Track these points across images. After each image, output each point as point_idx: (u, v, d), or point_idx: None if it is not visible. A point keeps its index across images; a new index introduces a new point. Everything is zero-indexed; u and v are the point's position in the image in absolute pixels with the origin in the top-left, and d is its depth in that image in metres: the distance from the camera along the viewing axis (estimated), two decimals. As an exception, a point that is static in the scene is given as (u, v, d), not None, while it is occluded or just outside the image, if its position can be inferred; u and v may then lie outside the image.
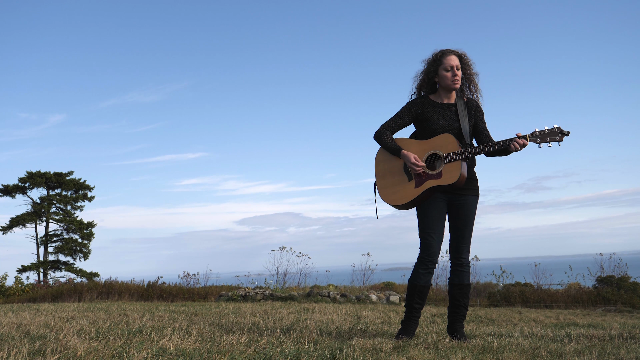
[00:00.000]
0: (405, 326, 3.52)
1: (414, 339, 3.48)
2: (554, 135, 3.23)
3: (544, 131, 3.26)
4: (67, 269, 25.42)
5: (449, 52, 3.57)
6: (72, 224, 25.63)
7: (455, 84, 3.55)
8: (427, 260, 3.47)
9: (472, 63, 3.65)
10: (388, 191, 3.63)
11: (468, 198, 3.52)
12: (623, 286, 12.09)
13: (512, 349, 3.08)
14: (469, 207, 3.51)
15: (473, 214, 3.54)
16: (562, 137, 3.22)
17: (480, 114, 3.63)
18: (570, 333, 4.06)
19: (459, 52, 3.60)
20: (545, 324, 6.03)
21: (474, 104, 3.64)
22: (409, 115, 3.65)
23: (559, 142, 3.24)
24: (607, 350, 3.10)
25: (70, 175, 26.18)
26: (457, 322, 3.55)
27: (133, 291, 12.91)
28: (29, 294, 14.41)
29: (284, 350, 2.83)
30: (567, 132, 3.22)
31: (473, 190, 3.54)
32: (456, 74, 3.54)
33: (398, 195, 3.57)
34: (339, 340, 3.35)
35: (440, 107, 3.59)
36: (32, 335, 3.35)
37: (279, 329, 4.00)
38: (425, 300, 3.56)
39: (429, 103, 3.62)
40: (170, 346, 2.85)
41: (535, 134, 3.28)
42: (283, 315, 5.68)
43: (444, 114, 3.56)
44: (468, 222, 3.52)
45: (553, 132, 3.23)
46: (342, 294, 10.79)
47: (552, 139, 3.24)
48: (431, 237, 3.46)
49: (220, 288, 13.57)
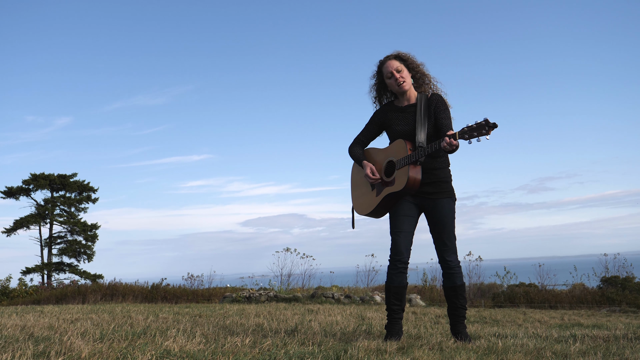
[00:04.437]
0: (389, 329, 3.50)
1: (418, 339, 3.47)
2: (481, 129, 3.07)
3: (472, 126, 3.12)
4: (71, 270, 25.48)
5: (385, 60, 3.60)
6: (76, 226, 25.68)
7: (402, 87, 3.53)
8: (396, 260, 3.47)
9: (413, 56, 3.61)
10: (358, 202, 3.80)
11: (439, 201, 3.46)
12: (628, 286, 12.04)
13: (517, 349, 3.07)
14: (440, 210, 3.45)
15: (448, 216, 3.46)
16: (489, 130, 3.05)
17: (440, 109, 3.49)
18: (575, 334, 4.05)
19: (394, 53, 3.61)
20: (549, 324, 6.01)
21: (434, 100, 3.53)
22: (374, 125, 3.74)
23: (487, 135, 3.05)
24: (612, 350, 3.09)
25: (74, 177, 26.22)
26: (459, 323, 3.53)
27: (137, 293, 12.93)
28: (33, 296, 14.44)
29: (288, 352, 2.83)
30: (493, 124, 3.04)
31: (444, 193, 3.47)
32: (397, 78, 3.52)
33: (364, 205, 3.71)
34: (343, 342, 3.35)
35: (401, 111, 3.59)
36: (36, 337, 3.35)
37: (283, 330, 4.00)
38: (404, 300, 3.54)
39: (392, 109, 3.64)
40: (175, 348, 2.85)
41: (464, 131, 3.14)
42: (287, 317, 5.68)
43: (404, 118, 3.55)
44: (443, 225, 3.46)
45: (480, 126, 3.08)
46: (346, 295, 10.78)
47: (479, 133, 3.07)
48: (397, 236, 3.47)
49: (225, 289, 13.58)
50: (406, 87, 3.54)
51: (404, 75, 3.54)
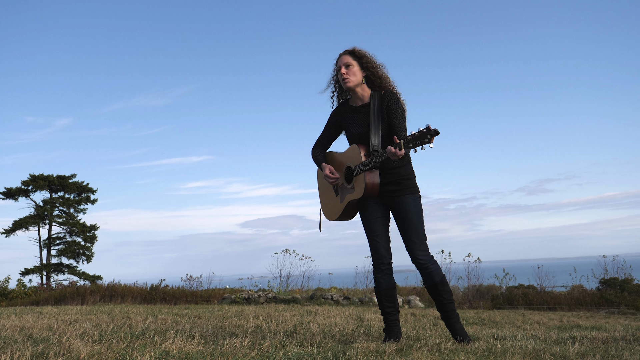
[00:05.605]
0: (388, 332, 3.48)
1: (417, 341, 3.47)
2: (423, 138, 2.95)
3: (415, 134, 3.00)
4: (70, 271, 25.48)
5: (340, 55, 3.49)
6: (75, 227, 25.68)
7: (346, 83, 3.41)
8: (379, 263, 3.45)
9: (371, 55, 3.46)
10: (325, 207, 3.72)
11: (401, 199, 3.36)
12: (627, 288, 12.06)
13: (516, 351, 3.07)
14: (404, 207, 3.35)
15: (412, 212, 3.34)
16: (431, 137, 2.93)
17: (392, 108, 3.35)
18: (574, 335, 4.05)
19: (350, 49, 3.47)
20: (548, 326, 6.01)
21: (386, 98, 3.38)
22: (331, 127, 3.63)
23: (430, 143, 2.94)
24: (611, 352, 3.09)
25: (73, 178, 26.23)
26: (451, 318, 3.41)
27: (136, 294, 12.93)
28: (31, 296, 14.44)
29: (287, 353, 2.83)
30: (434, 131, 2.92)
31: (406, 190, 3.36)
32: (343, 73, 3.40)
33: (331, 211, 3.64)
34: (342, 343, 3.35)
35: (356, 111, 3.48)
36: (35, 338, 3.35)
37: (282, 331, 4.00)
38: (396, 300, 3.50)
39: (347, 109, 3.54)
40: (173, 349, 2.85)
41: (408, 139, 3.02)
42: (286, 318, 5.68)
43: (358, 119, 3.45)
44: (408, 222, 3.34)
45: (422, 134, 2.96)
46: (345, 297, 10.78)
47: (422, 141, 2.96)
48: (374, 240, 3.43)
49: (224, 291, 13.59)
50: (349, 84, 3.41)
51: (352, 72, 3.41)
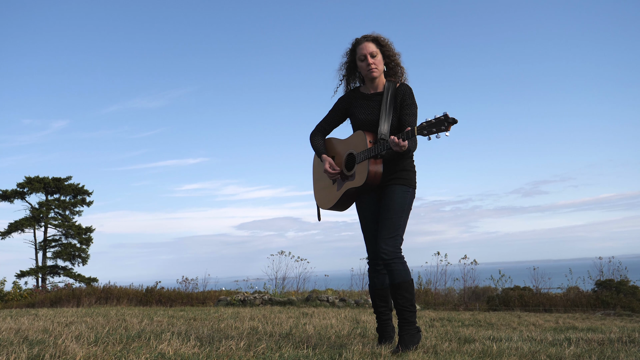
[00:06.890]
0: (381, 332, 3.47)
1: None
2: (440, 125, 2.88)
3: (431, 121, 2.92)
4: (65, 274, 25.37)
5: (362, 40, 3.37)
6: (71, 229, 25.59)
7: (372, 73, 3.33)
8: (374, 263, 3.41)
9: (391, 43, 3.39)
10: (319, 194, 3.64)
11: (390, 187, 3.25)
12: (622, 290, 12.08)
13: (512, 353, 3.08)
14: (389, 195, 3.24)
15: (395, 202, 3.21)
16: (448, 125, 2.86)
17: (406, 104, 3.29)
18: (570, 337, 4.06)
19: (373, 35, 3.37)
20: (544, 327, 6.02)
21: (401, 91, 3.32)
22: (337, 112, 3.54)
23: (446, 132, 2.86)
24: (607, 354, 3.10)
25: (68, 180, 26.15)
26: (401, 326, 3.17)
27: (132, 296, 12.89)
28: (27, 299, 14.38)
29: (282, 355, 2.83)
30: (452, 120, 2.86)
31: (398, 180, 3.26)
32: (370, 63, 3.31)
33: (326, 199, 3.57)
34: (337, 345, 3.35)
35: (367, 98, 3.40)
36: (30, 341, 3.34)
37: (278, 333, 3.99)
38: (390, 300, 3.43)
39: (357, 96, 3.45)
40: (169, 351, 2.85)
41: (423, 126, 2.96)
42: (282, 320, 5.67)
43: (368, 106, 3.36)
44: (386, 210, 3.21)
45: (439, 122, 2.89)
46: (341, 299, 10.77)
47: (439, 129, 2.88)
48: (370, 239, 3.38)
49: (219, 293, 13.55)
50: (376, 74, 3.34)
51: (378, 61, 3.34)
